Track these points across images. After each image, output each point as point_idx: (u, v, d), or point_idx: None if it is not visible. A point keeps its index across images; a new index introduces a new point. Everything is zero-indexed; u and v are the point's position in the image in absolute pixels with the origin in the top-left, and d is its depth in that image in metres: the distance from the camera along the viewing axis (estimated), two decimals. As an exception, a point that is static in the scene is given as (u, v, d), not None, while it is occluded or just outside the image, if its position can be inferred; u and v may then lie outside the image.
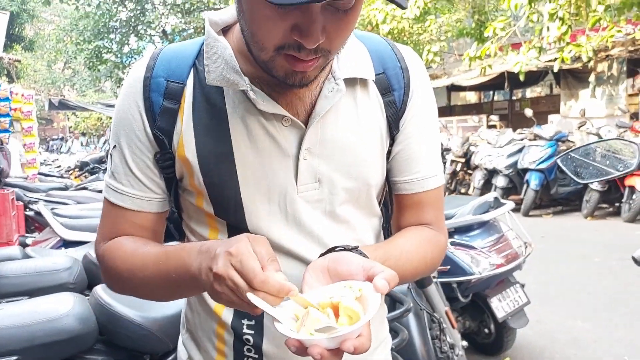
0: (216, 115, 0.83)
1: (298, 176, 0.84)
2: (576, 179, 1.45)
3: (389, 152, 0.92)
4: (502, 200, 3.30)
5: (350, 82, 0.86)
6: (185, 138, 0.84)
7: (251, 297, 0.66)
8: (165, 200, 0.91)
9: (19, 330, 1.70)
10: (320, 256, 0.78)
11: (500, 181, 8.34)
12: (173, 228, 0.96)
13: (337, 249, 0.77)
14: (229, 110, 0.83)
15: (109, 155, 0.90)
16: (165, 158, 0.86)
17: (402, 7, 0.65)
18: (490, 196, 3.26)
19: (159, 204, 0.90)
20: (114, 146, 0.89)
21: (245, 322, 0.88)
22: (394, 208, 0.98)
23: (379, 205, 0.98)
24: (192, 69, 0.85)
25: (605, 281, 4.64)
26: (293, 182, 0.84)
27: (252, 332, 0.88)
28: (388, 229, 1.03)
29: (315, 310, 0.67)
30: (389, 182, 0.96)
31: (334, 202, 0.87)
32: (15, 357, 1.64)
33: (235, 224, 0.86)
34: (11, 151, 6.62)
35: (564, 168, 1.47)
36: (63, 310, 1.82)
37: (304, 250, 0.86)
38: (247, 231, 0.85)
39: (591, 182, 2.60)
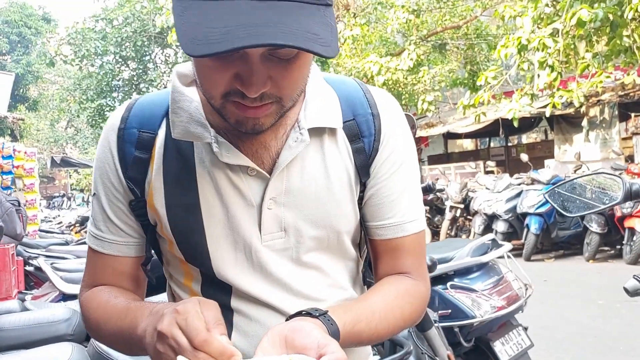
0: (184, 165, 0.84)
1: (262, 226, 0.84)
2: (564, 213, 1.48)
3: (360, 198, 0.90)
4: (500, 242, 3.31)
5: (317, 131, 0.85)
6: (155, 187, 0.86)
7: None
8: (143, 244, 0.92)
9: (16, 381, 1.69)
10: (287, 319, 0.77)
11: (500, 226, 8.33)
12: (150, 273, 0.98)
13: (303, 313, 0.76)
14: (197, 161, 0.84)
15: (91, 203, 0.93)
16: (139, 206, 0.88)
17: (325, 57, 0.65)
18: (487, 238, 3.28)
19: (137, 247, 0.92)
20: (94, 194, 0.91)
21: None
22: (370, 254, 0.96)
23: (358, 247, 0.97)
24: (164, 119, 0.87)
25: (611, 324, 4.57)
26: (257, 231, 0.85)
27: None
28: (369, 271, 1.00)
29: None
30: (364, 229, 0.93)
31: (300, 250, 0.87)
32: (12, 409, 1.63)
33: (206, 271, 0.88)
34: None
35: (551, 202, 1.51)
36: (61, 360, 1.81)
37: (275, 299, 0.86)
38: (216, 279, 0.87)
39: (578, 215, 2.63)
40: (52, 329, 2.24)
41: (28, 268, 4.75)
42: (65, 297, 3.42)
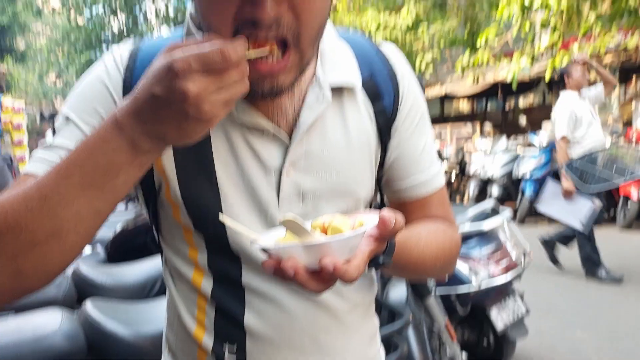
0: None
1: (280, 192, 0.78)
2: (582, 188, 1.41)
3: (382, 162, 0.86)
4: (500, 208, 3.26)
5: (336, 91, 0.79)
6: None
7: (224, 218, 0.66)
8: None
9: (4, 350, 1.63)
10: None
11: (495, 190, 8.33)
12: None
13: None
14: None
15: (57, 129, 0.75)
16: None
17: None
18: (487, 204, 3.22)
19: None
20: (67, 118, 0.74)
21: (226, 346, 0.82)
22: None
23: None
24: None
25: (605, 290, 4.59)
26: (275, 198, 0.78)
27: (234, 356, 0.82)
28: None
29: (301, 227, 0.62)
30: (387, 192, 0.90)
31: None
32: (-1, 378, 1.57)
33: (215, 238, 0.80)
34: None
35: (570, 175, 1.43)
36: (51, 327, 1.74)
37: None
38: (228, 246, 0.79)
39: (598, 190, 2.60)
40: (40, 293, 2.16)
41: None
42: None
